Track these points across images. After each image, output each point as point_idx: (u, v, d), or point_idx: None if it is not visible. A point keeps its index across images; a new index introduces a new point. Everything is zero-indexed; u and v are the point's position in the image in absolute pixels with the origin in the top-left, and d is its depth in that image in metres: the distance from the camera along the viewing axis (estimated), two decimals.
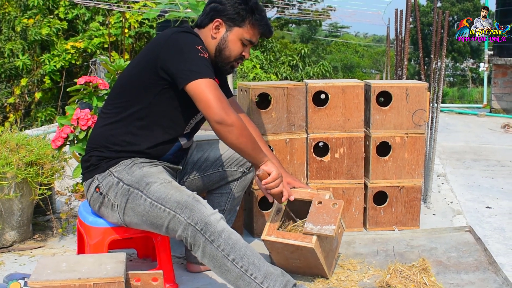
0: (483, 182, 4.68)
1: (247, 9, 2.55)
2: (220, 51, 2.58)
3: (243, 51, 2.61)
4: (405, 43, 4.42)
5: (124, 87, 2.52)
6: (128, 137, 2.47)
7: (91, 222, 2.53)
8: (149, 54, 2.47)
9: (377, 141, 3.36)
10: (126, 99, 2.48)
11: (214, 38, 2.57)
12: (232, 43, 2.57)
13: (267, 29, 2.63)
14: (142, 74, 2.45)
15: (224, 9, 2.54)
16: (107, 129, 2.50)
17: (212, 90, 2.31)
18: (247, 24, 2.56)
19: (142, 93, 2.46)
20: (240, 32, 2.56)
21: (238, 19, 2.55)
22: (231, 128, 2.32)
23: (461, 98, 21.17)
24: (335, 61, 27.37)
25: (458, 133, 7.29)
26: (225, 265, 2.24)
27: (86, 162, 2.52)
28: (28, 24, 11.90)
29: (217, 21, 2.55)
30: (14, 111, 12.01)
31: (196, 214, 2.25)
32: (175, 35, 2.43)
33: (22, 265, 2.99)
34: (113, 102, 2.53)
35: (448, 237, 3.27)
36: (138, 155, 2.48)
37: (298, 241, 2.59)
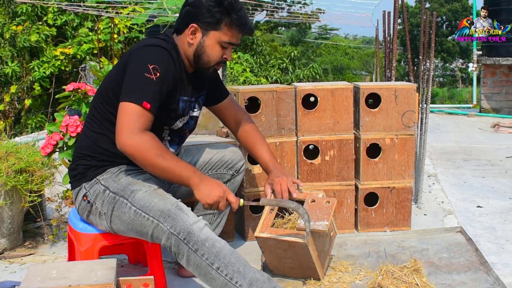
0: (473, 182, 4.70)
1: (222, 10, 2.41)
2: (198, 56, 2.48)
3: (224, 54, 2.50)
4: (393, 45, 4.44)
5: (103, 97, 2.46)
6: (112, 147, 2.39)
7: (81, 229, 2.52)
8: (121, 65, 2.41)
9: (367, 143, 3.37)
10: (106, 109, 2.44)
11: (191, 44, 2.47)
12: (210, 48, 2.46)
13: (246, 28, 2.50)
14: (116, 86, 2.39)
15: (198, 12, 2.42)
16: (91, 137, 2.48)
17: (127, 115, 2.24)
18: (224, 26, 2.43)
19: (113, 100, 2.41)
20: (217, 36, 2.45)
21: (213, 22, 2.42)
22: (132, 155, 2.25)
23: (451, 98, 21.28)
24: (325, 63, 27.45)
25: (448, 133, 7.31)
26: (209, 273, 2.23)
27: (73, 170, 2.51)
28: (17, 31, 11.86)
29: (192, 26, 2.44)
30: (4, 118, 11.95)
31: (179, 223, 2.24)
32: (142, 49, 2.37)
33: (12, 272, 2.97)
34: (95, 111, 2.49)
35: (439, 237, 3.28)
36: (124, 162, 2.47)
37: (291, 236, 2.60)
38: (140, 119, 2.25)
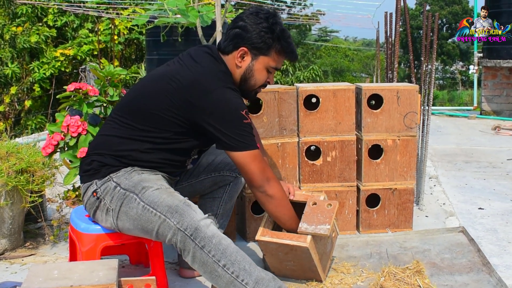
0: (475, 184, 4.69)
1: (274, 37, 2.46)
2: (245, 80, 2.52)
3: (268, 78, 2.56)
4: (395, 46, 4.43)
5: (143, 111, 2.43)
6: (135, 153, 2.44)
7: (83, 229, 2.51)
8: (186, 98, 2.36)
9: (369, 144, 3.36)
10: (143, 124, 2.43)
11: (239, 67, 2.50)
12: (258, 72, 2.51)
13: (293, 55, 2.56)
14: (168, 110, 2.38)
15: (249, 37, 2.45)
16: (115, 140, 2.46)
17: (257, 163, 2.40)
18: (273, 52, 2.49)
19: (162, 127, 2.42)
20: (266, 61, 2.50)
21: (264, 47, 2.47)
22: (271, 199, 2.48)
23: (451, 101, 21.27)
24: (325, 65, 27.44)
25: (449, 136, 7.31)
26: (215, 270, 2.23)
27: (87, 165, 2.49)
28: (16, 32, 11.85)
29: (242, 49, 2.47)
30: (4, 120, 11.94)
31: (186, 219, 2.24)
32: (219, 92, 2.36)
33: (13, 273, 2.96)
34: (127, 118, 2.46)
35: (441, 238, 3.27)
36: (143, 166, 2.47)
37: (293, 240, 2.59)
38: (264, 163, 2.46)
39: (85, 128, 3.11)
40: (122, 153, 2.44)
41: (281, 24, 2.50)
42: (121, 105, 2.56)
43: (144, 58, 11.09)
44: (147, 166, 2.47)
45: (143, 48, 12.17)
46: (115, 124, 2.50)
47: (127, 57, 12.51)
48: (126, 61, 12.52)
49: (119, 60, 11.73)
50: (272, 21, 2.47)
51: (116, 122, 2.50)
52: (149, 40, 8.82)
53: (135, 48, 12.71)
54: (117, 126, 2.48)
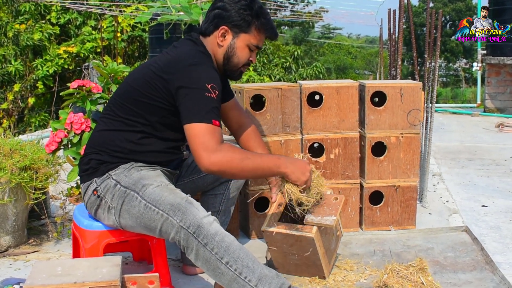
0: (478, 181, 4.69)
1: (253, 14, 2.51)
2: (228, 58, 2.55)
3: (250, 56, 2.58)
4: (399, 43, 4.43)
5: (130, 100, 2.47)
6: (130, 145, 2.46)
7: (86, 226, 2.51)
8: (161, 76, 2.40)
9: (372, 141, 3.36)
10: (132, 113, 2.46)
11: (221, 46, 2.54)
12: (240, 50, 2.54)
13: (273, 32, 2.60)
14: (151, 94, 2.42)
15: (229, 15, 2.50)
16: (109, 134, 2.48)
17: (199, 137, 2.29)
18: (253, 29, 2.53)
19: (150, 112, 2.44)
20: (247, 38, 2.53)
21: (244, 25, 2.51)
22: (221, 171, 2.31)
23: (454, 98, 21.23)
24: (328, 62, 27.42)
25: (452, 133, 7.30)
26: (218, 268, 2.23)
27: (85, 164, 2.50)
28: (20, 30, 11.86)
29: (223, 28, 2.51)
30: (7, 117, 11.96)
31: (189, 217, 2.24)
32: (191, 65, 2.38)
33: (17, 270, 2.97)
34: (117, 111, 2.50)
35: (444, 237, 3.27)
36: (139, 159, 2.48)
37: (298, 231, 2.60)
38: (213, 136, 2.30)
39: (89, 125, 3.11)
40: (117, 147, 2.46)
41: (259, 2, 2.55)
42: (111, 100, 2.59)
43: (147, 55, 11.10)
44: (144, 159, 2.48)
45: (146, 45, 12.18)
46: (107, 119, 2.53)
47: (130, 54, 12.53)
48: (129, 58, 12.54)
49: (122, 57, 11.74)
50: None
51: (108, 117, 2.53)
52: (152, 38, 8.83)
53: (138, 46, 12.72)
54: (109, 121, 2.51)
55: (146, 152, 2.49)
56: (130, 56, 12.60)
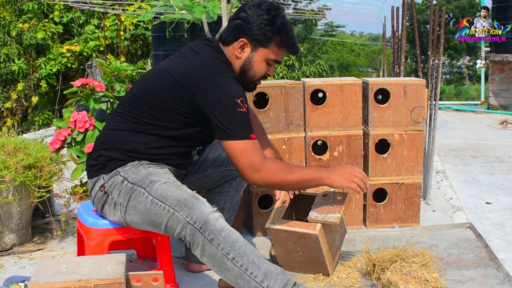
0: (482, 178, 4.68)
1: (274, 30, 2.46)
2: (244, 71, 2.52)
3: (268, 70, 2.55)
4: (402, 40, 4.42)
5: (148, 104, 2.45)
6: (141, 147, 2.46)
7: (91, 224, 2.52)
8: (185, 86, 2.38)
9: (375, 139, 3.36)
10: (148, 116, 2.45)
11: (238, 58, 2.50)
12: (257, 64, 2.51)
13: (294, 49, 2.56)
14: (171, 101, 2.40)
15: (250, 28, 2.45)
16: (121, 134, 2.48)
17: (243, 156, 2.35)
18: (273, 44, 2.48)
19: (167, 118, 2.43)
20: (265, 53, 2.49)
21: (264, 39, 2.46)
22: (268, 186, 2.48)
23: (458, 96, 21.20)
24: (331, 60, 27.39)
25: (456, 130, 7.29)
26: (224, 264, 2.23)
27: (94, 160, 2.50)
28: (23, 29, 11.88)
29: (242, 40, 2.47)
30: (11, 116, 11.98)
31: (195, 213, 2.25)
32: (217, 80, 2.36)
33: (22, 268, 2.98)
34: (132, 111, 2.48)
35: (448, 234, 3.27)
36: (150, 159, 2.49)
37: (302, 228, 2.60)
38: (257, 153, 2.36)
39: (92, 124, 3.12)
40: (128, 147, 2.46)
41: (284, 17, 2.50)
42: (126, 99, 2.58)
43: (150, 53, 11.11)
44: (153, 159, 2.49)
45: (149, 43, 12.19)
46: (120, 118, 2.52)
47: (133, 52, 12.54)
48: (132, 56, 12.55)
49: (125, 56, 11.75)
50: (274, 14, 2.46)
51: (122, 116, 2.52)
52: (155, 36, 8.83)
53: (141, 44, 12.73)
54: (123, 120, 2.50)
55: (157, 154, 2.48)
56: (133, 54, 12.61)
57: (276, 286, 2.23)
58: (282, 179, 2.41)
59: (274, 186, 2.53)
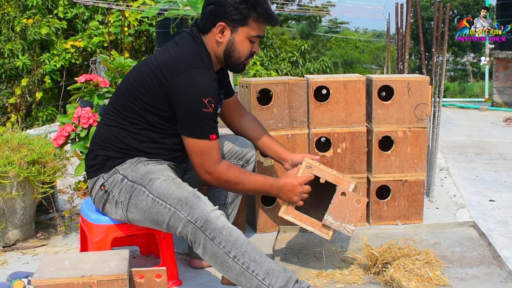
0: (486, 176, 4.67)
1: (249, 6, 2.44)
2: (229, 54, 2.52)
3: (252, 47, 2.55)
4: (406, 37, 4.41)
5: (130, 98, 2.46)
6: (135, 143, 2.47)
7: (93, 220, 2.52)
8: (157, 75, 2.40)
9: (379, 136, 3.35)
10: (133, 111, 2.46)
11: (220, 43, 2.50)
12: (240, 44, 2.50)
13: (273, 19, 2.54)
14: (148, 93, 2.42)
15: (224, 11, 2.44)
16: (114, 131, 2.49)
17: (197, 155, 2.42)
18: (252, 21, 2.47)
19: (149, 111, 2.44)
20: (246, 31, 2.48)
21: (241, 18, 2.45)
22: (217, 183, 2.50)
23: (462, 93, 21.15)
24: (335, 57, 27.36)
25: (460, 127, 7.27)
26: (226, 262, 2.23)
27: (92, 160, 2.51)
28: (27, 24, 11.88)
29: (220, 24, 2.46)
30: (15, 111, 11.99)
31: (196, 211, 2.25)
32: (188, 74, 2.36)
33: (25, 263, 2.99)
34: (119, 108, 2.50)
35: (451, 232, 3.26)
36: (145, 156, 2.49)
37: (315, 229, 2.60)
38: (211, 155, 2.42)
39: (96, 120, 3.12)
40: (122, 144, 2.47)
41: None
42: (114, 96, 2.59)
43: (154, 49, 11.10)
44: (150, 154, 2.49)
45: (153, 39, 12.18)
46: (110, 116, 2.53)
47: (137, 48, 12.53)
48: (136, 52, 12.54)
49: (129, 52, 11.75)
50: None
51: (111, 114, 2.54)
52: (159, 32, 8.84)
53: (145, 40, 12.72)
54: (113, 118, 2.52)
55: (152, 149, 2.49)
56: (137, 50, 12.61)
57: (278, 284, 2.23)
58: (230, 187, 2.55)
59: (225, 190, 2.69)
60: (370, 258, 2.69)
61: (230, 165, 2.49)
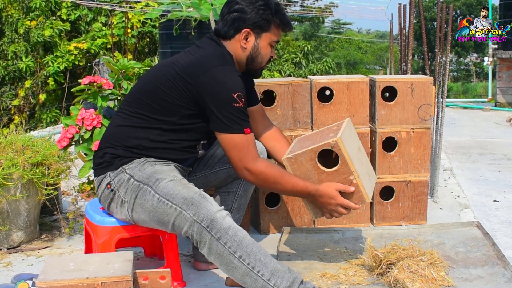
0: (489, 176, 4.67)
1: (272, 12, 2.53)
2: (252, 60, 2.58)
3: (271, 52, 2.62)
4: (409, 38, 4.41)
5: (151, 98, 2.48)
6: (146, 142, 2.48)
7: (98, 221, 2.53)
8: (185, 79, 2.42)
9: (383, 137, 3.35)
10: (151, 110, 2.47)
11: (244, 49, 2.55)
12: (264, 49, 2.57)
13: (290, 25, 2.65)
14: (174, 93, 2.44)
15: (249, 18, 2.51)
16: (125, 130, 2.50)
17: (235, 150, 2.41)
18: (273, 26, 2.56)
19: (170, 111, 2.46)
20: (268, 37, 2.56)
21: (266, 24, 2.53)
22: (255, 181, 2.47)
23: (465, 93, 21.13)
24: (338, 57, 27.36)
25: (463, 128, 7.27)
26: (231, 262, 2.24)
27: (100, 158, 2.51)
28: (30, 26, 11.90)
29: (245, 31, 2.52)
30: (19, 113, 12.02)
31: (202, 211, 2.25)
32: (215, 71, 2.40)
33: (29, 265, 2.99)
34: (136, 107, 2.51)
35: (455, 232, 3.26)
36: (153, 155, 2.49)
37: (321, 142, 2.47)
38: (248, 149, 2.41)
39: (100, 121, 3.13)
40: (132, 143, 2.47)
41: None
42: (130, 95, 2.60)
43: (158, 51, 11.10)
44: (158, 156, 2.49)
45: (156, 41, 12.19)
46: (124, 114, 2.54)
47: (140, 50, 12.54)
48: (140, 54, 12.55)
49: (133, 54, 11.76)
50: None
51: (125, 112, 2.54)
52: (162, 34, 8.84)
53: (148, 42, 12.74)
54: (126, 117, 2.52)
55: (161, 149, 2.50)
56: (140, 52, 12.62)
57: (283, 284, 2.23)
58: (267, 186, 2.50)
59: (261, 188, 2.61)
60: (374, 259, 2.69)
61: (269, 163, 2.49)
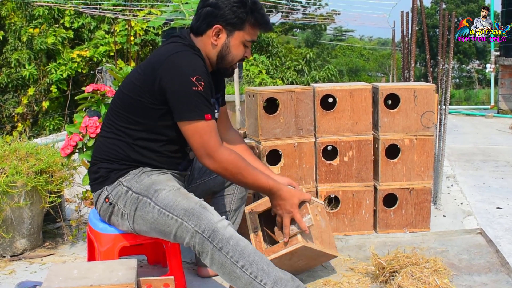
0: (492, 183, 4.66)
1: (247, 10, 2.43)
2: (222, 57, 2.49)
3: (245, 52, 2.52)
4: (412, 45, 4.42)
5: (124, 108, 2.44)
6: (134, 154, 2.44)
7: (101, 229, 2.53)
8: (148, 75, 2.38)
9: (386, 144, 3.35)
10: (128, 121, 2.44)
11: (215, 46, 2.46)
12: (235, 48, 2.48)
13: (268, 26, 2.53)
14: (143, 95, 2.38)
15: (222, 14, 2.41)
16: (111, 143, 2.47)
17: (197, 137, 2.32)
18: (248, 25, 2.45)
19: (143, 116, 2.41)
20: (241, 36, 2.46)
21: (239, 22, 2.43)
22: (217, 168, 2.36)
23: (467, 100, 21.14)
24: (341, 65, 27.41)
25: (466, 135, 7.27)
26: (234, 272, 2.23)
27: (95, 173, 2.50)
28: (34, 34, 11.96)
29: (217, 27, 2.43)
30: (22, 121, 12.05)
31: (203, 222, 2.24)
32: (171, 59, 2.33)
33: (33, 273, 2.99)
34: (115, 119, 2.48)
35: (459, 239, 3.26)
36: (146, 165, 2.48)
37: (288, 248, 2.55)
38: (211, 135, 2.32)
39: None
40: (121, 156, 2.45)
41: None
42: (109, 109, 2.56)
43: None
44: (152, 164, 2.47)
45: None
46: (107, 128, 2.51)
47: (143, 58, 12.57)
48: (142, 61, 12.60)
49: (135, 61, 11.80)
50: None
51: (108, 125, 2.51)
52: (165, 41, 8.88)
53: (151, 49, 12.78)
54: (109, 130, 2.49)
55: (150, 157, 2.47)
56: (143, 59, 12.63)
57: None
58: (229, 176, 2.38)
59: (224, 177, 2.42)
60: (378, 266, 2.69)
61: (233, 152, 2.40)
